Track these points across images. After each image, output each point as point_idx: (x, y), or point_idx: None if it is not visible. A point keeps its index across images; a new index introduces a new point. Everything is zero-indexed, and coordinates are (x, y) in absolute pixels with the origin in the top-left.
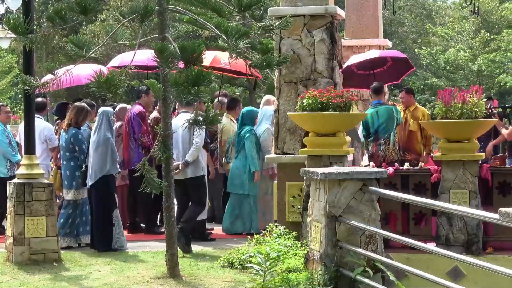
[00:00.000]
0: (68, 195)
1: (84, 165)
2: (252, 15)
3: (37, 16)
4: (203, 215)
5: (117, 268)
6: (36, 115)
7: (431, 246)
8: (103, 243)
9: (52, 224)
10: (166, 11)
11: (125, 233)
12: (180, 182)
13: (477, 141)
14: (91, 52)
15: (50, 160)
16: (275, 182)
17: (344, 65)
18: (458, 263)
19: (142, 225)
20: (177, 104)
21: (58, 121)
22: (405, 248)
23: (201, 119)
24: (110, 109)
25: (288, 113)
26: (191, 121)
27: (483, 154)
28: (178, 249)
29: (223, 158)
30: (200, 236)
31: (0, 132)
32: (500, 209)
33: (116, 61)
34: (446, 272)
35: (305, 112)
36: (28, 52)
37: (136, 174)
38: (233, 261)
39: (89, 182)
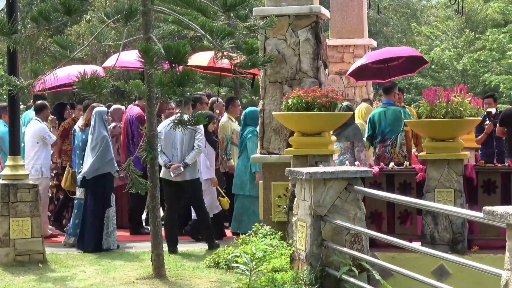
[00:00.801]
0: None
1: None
2: (237, 15)
3: (22, 17)
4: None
5: (102, 268)
6: (34, 118)
7: (416, 245)
8: (93, 243)
9: (37, 225)
10: (151, 12)
11: (127, 233)
12: (175, 184)
13: (461, 140)
14: (75, 53)
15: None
16: (261, 182)
17: (358, 63)
18: (443, 262)
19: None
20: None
21: (54, 120)
22: (391, 247)
23: (186, 119)
24: (104, 108)
25: (273, 113)
26: (176, 121)
27: (468, 153)
28: (165, 249)
29: (224, 156)
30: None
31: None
32: (484, 207)
33: (112, 60)
34: (432, 271)
35: (290, 112)
36: (12, 53)
37: (121, 175)
38: (219, 261)
39: (86, 180)
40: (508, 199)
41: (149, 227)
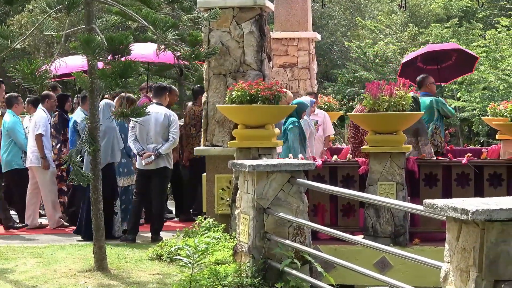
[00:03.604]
0: (126, 182)
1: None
2: (181, 7)
3: None
4: None
5: (44, 261)
6: (40, 107)
7: (358, 237)
8: (106, 232)
9: None
10: (93, 2)
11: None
12: (147, 172)
13: (403, 134)
14: (16, 43)
15: (59, 146)
16: (204, 174)
17: (404, 60)
18: (385, 254)
19: None
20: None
21: (56, 113)
22: (334, 239)
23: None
24: (111, 101)
25: (217, 105)
26: (117, 113)
27: (409, 146)
28: (106, 241)
29: None
30: None
31: (19, 124)
32: (424, 200)
33: None
34: (374, 263)
35: (234, 105)
36: None
37: (63, 166)
38: (162, 253)
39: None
40: (449, 192)
41: None
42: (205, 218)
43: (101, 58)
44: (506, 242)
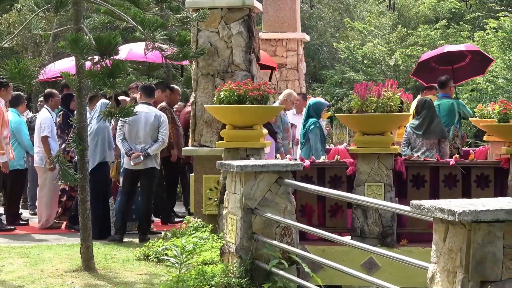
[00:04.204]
0: None
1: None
2: (170, 7)
3: None
4: None
5: (31, 261)
6: (44, 106)
7: (346, 238)
8: (102, 231)
9: None
10: (82, 1)
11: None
12: (135, 172)
13: (392, 135)
14: (4, 42)
15: (64, 145)
16: (192, 174)
17: (421, 59)
18: (373, 255)
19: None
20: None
21: (61, 112)
22: (321, 240)
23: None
24: (107, 101)
25: (205, 105)
26: (105, 113)
27: (398, 147)
28: (94, 241)
29: None
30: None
31: (24, 124)
32: (411, 201)
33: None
34: (361, 263)
35: (222, 105)
36: None
37: (50, 166)
38: (149, 253)
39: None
40: (436, 193)
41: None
42: (193, 218)
43: (89, 58)
44: (492, 243)
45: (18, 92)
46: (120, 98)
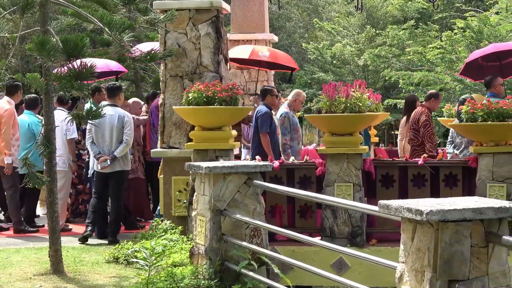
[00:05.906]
0: None
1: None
2: (137, 8)
3: None
4: None
5: None
6: (58, 108)
7: (316, 239)
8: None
9: None
10: (48, 3)
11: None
12: (104, 175)
13: (360, 135)
14: None
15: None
16: (161, 176)
17: (468, 59)
18: (342, 255)
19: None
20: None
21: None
22: (291, 241)
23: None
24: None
25: (173, 107)
26: (73, 115)
27: (366, 147)
28: (62, 244)
29: None
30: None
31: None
32: (379, 201)
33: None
34: (331, 264)
35: (190, 106)
36: None
37: (17, 169)
38: (119, 256)
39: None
40: (405, 192)
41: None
42: (162, 220)
43: (55, 60)
44: (460, 242)
45: (35, 95)
46: (134, 100)
